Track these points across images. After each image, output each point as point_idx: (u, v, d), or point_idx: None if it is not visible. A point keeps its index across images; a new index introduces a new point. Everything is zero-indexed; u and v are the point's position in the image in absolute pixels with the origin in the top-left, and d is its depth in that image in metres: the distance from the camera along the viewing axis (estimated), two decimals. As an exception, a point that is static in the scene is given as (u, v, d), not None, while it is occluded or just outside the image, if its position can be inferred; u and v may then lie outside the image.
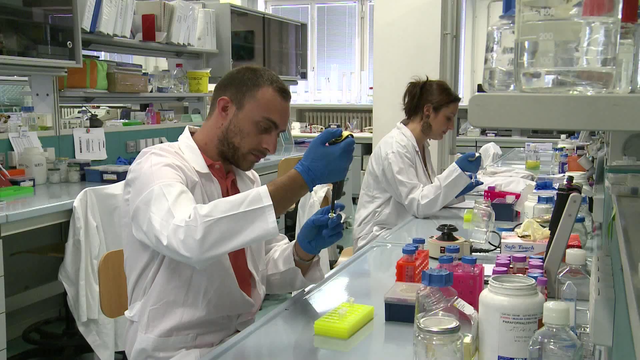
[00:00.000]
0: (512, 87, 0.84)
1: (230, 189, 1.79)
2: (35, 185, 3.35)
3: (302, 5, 9.18)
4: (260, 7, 9.14)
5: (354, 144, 1.53)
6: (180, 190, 1.53)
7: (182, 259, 1.46)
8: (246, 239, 1.44)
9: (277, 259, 1.85)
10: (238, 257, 1.77)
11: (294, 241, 1.82)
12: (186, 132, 1.78)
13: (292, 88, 6.75)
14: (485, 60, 0.91)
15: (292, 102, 1.81)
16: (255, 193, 1.46)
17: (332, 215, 1.62)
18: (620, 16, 0.66)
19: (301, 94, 8.98)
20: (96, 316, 3.04)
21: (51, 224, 2.99)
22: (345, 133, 1.52)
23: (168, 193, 1.50)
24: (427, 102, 3.06)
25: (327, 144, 1.51)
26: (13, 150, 3.51)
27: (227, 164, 1.79)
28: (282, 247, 1.89)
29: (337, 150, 1.50)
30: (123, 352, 1.79)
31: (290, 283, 1.84)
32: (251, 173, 1.90)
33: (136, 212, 1.56)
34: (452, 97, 3.07)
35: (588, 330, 1.18)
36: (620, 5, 0.65)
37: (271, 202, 1.44)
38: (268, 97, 1.69)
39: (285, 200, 1.50)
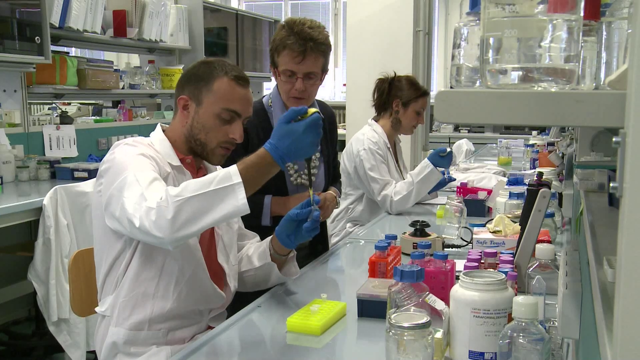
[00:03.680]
0: (478, 82, 0.85)
1: None
2: (3, 184, 3.28)
3: (276, 2, 9.15)
4: (234, 3, 9.09)
5: (320, 120, 1.53)
6: (154, 177, 1.54)
7: (155, 240, 1.46)
8: (217, 217, 1.44)
9: (251, 255, 1.85)
10: (210, 250, 1.76)
11: (269, 237, 1.82)
12: (158, 128, 1.79)
13: (266, 84, 6.74)
14: (453, 57, 0.92)
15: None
16: (225, 172, 1.46)
17: (314, 206, 1.63)
18: (582, 14, 0.67)
19: (275, 91, 8.95)
20: (67, 315, 3.00)
21: (20, 222, 2.94)
22: (311, 110, 1.52)
23: (141, 179, 1.51)
24: (396, 97, 3.06)
25: (292, 122, 1.51)
26: (-20, 147, 3.45)
27: (198, 159, 1.78)
28: (256, 244, 1.89)
29: (300, 126, 1.50)
30: (94, 352, 1.77)
31: (264, 279, 1.83)
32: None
33: (109, 199, 1.56)
34: (420, 92, 3.07)
35: (556, 323, 1.20)
36: (583, 4, 0.66)
37: (241, 180, 1.44)
38: (224, 87, 1.69)
39: (255, 179, 1.50)
